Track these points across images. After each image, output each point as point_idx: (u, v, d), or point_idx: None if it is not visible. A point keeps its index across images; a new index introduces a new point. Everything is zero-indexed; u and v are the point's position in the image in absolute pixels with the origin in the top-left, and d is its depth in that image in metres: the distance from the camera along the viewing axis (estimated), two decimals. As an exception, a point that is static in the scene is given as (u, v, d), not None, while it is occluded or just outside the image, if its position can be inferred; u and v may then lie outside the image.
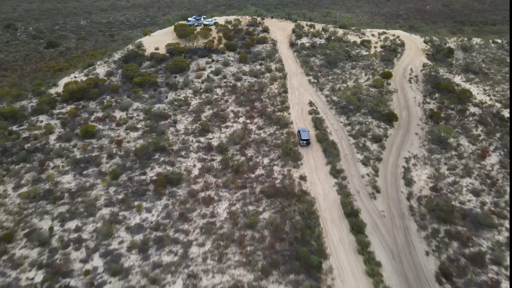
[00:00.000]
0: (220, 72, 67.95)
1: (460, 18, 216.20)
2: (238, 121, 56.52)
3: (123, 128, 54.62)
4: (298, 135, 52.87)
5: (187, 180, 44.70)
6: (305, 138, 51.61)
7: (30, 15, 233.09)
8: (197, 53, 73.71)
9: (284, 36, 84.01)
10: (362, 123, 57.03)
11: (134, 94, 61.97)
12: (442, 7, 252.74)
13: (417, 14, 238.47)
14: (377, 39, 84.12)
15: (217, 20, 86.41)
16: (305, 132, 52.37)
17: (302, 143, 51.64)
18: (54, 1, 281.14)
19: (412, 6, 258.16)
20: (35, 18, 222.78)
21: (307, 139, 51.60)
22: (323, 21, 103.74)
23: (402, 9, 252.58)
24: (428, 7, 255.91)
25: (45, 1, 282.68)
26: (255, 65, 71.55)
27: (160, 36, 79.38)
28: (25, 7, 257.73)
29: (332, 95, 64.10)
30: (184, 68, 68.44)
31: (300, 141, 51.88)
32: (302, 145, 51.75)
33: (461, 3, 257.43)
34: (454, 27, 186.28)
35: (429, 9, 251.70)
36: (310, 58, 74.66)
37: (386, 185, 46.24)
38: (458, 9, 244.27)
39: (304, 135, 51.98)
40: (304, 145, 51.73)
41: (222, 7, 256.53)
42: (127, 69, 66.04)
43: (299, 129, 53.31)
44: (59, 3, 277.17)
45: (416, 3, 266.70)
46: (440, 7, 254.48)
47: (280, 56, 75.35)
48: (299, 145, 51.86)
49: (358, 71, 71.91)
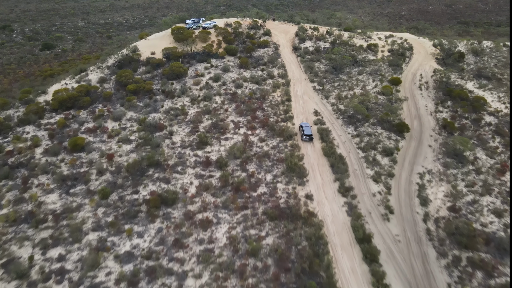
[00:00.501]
0: (219, 79, 64.22)
1: (464, 19, 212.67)
2: (239, 133, 52.77)
3: (115, 140, 50.87)
4: (300, 130, 52.26)
5: (183, 201, 40.93)
6: (308, 133, 50.96)
7: (27, 15, 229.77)
8: (195, 58, 69.99)
9: (286, 39, 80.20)
10: (371, 135, 53.26)
11: (128, 102, 58.19)
12: (445, 8, 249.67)
13: (420, 15, 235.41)
14: (384, 43, 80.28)
15: (217, 23, 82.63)
16: (308, 127, 51.64)
17: (304, 138, 51.03)
18: (52, 2, 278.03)
19: (414, 7, 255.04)
20: (32, 19, 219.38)
21: (310, 134, 50.96)
22: (326, 23, 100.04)
23: (404, 9, 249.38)
24: (431, 7, 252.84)
25: (43, 1, 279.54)
26: (257, 71, 67.79)
27: (157, 40, 75.60)
28: (23, 8, 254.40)
29: (338, 103, 60.32)
30: (181, 74, 64.70)
31: (302, 136, 51.27)
32: (304, 140, 51.15)
33: (464, 3, 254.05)
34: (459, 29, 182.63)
35: (432, 9, 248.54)
36: (315, 63, 70.86)
37: (399, 204, 42.47)
38: (461, 10, 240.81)
39: (307, 130, 51.27)
40: (307, 140, 51.03)
41: (222, 8, 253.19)
42: (121, 75, 62.30)
43: (301, 124, 52.59)
44: (57, 3, 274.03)
45: (419, 3, 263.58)
46: (443, 7, 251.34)
47: (282, 61, 71.57)
48: (301, 140, 51.34)
49: (365, 77, 68.12)
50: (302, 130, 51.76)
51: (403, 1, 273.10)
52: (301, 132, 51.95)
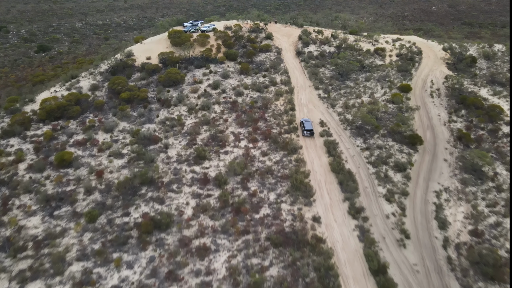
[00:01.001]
0: (218, 86, 60.45)
1: (468, 19, 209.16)
2: (239, 146, 49.01)
3: (106, 154, 47.10)
4: (301, 126, 52.13)
5: (178, 226, 37.14)
6: (309, 128, 50.82)
7: (24, 16, 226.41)
8: (193, 63, 66.22)
9: (289, 43, 76.41)
10: (381, 147, 49.50)
11: (121, 112, 54.44)
12: (448, 8, 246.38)
13: (423, 16, 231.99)
14: (391, 47, 76.47)
15: (216, 26, 78.81)
16: (308, 123, 51.69)
17: (305, 134, 50.93)
18: (50, 2, 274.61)
19: (417, 7, 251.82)
20: (29, 20, 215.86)
21: (311, 129, 50.79)
22: (330, 25, 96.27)
23: (407, 10, 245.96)
24: (433, 8, 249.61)
25: (41, 2, 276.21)
26: (258, 77, 63.98)
27: (153, 44, 71.78)
28: (20, 8, 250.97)
29: (345, 112, 56.52)
30: (178, 81, 60.94)
31: (303, 132, 51.10)
32: (305, 135, 51.11)
33: (467, 3, 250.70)
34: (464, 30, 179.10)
35: (434, 10, 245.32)
36: (319, 69, 67.07)
37: (416, 228, 38.70)
38: (465, 10, 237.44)
39: (308, 125, 51.28)
40: (308, 135, 50.96)
41: (222, 8, 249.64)
42: (113, 82, 58.54)
43: (302, 120, 52.60)
44: (55, 4, 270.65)
45: (421, 4, 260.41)
46: (446, 8, 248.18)
47: (285, 67, 67.77)
48: (302, 135, 51.36)
49: (373, 84, 64.31)
50: (303, 125, 51.38)
51: (405, 1, 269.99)
52: (302, 128, 51.64)
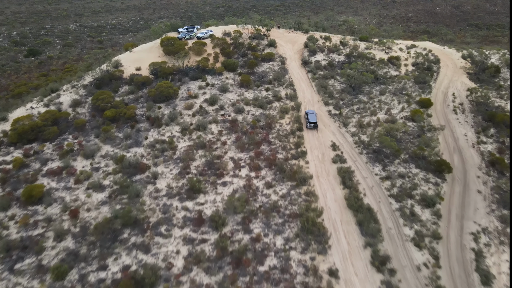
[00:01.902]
0: (216, 101, 53.68)
1: (474, 21, 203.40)
2: (240, 175, 42.24)
3: (83, 186, 40.33)
4: (305, 118, 51.43)
5: (165, 287, 30.39)
6: (313, 120, 50.17)
7: (17, 18, 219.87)
8: (188, 75, 59.41)
9: (294, 51, 69.64)
10: (404, 176, 42.79)
11: (104, 133, 47.67)
12: (453, 9, 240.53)
13: (428, 17, 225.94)
14: (406, 55, 69.72)
15: (213, 32, 71.95)
16: (312, 115, 50.94)
17: (309, 126, 50.19)
18: (45, 3, 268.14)
19: (421, 8, 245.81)
20: (21, 22, 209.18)
21: (315, 121, 50.12)
22: (336, 29, 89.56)
23: (411, 11, 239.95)
24: (437, 8, 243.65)
25: (36, 2, 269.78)
26: (260, 91, 57.16)
27: (143, 53, 64.91)
28: (14, 9, 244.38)
29: (360, 132, 49.80)
30: (170, 96, 54.18)
31: (307, 124, 50.32)
32: (309, 127, 50.32)
33: (471, 4, 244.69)
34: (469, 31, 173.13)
35: (439, 11, 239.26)
36: (328, 81, 60.30)
37: (454, 283, 32.01)
38: (469, 11, 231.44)
39: (312, 117, 50.58)
40: (311, 127, 50.25)
41: (220, 9, 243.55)
42: (97, 98, 51.71)
43: (307, 111, 51.80)
44: (49, 5, 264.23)
45: (425, 4, 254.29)
46: (450, 8, 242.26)
47: (291, 78, 60.96)
48: (306, 127, 50.51)
49: (389, 98, 57.56)
50: (307, 117, 50.74)
51: (408, 2, 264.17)
52: (306, 120, 50.92)
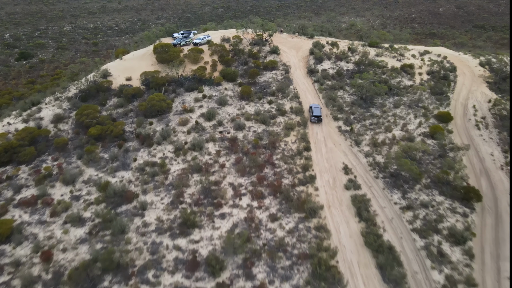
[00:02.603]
0: (214, 116, 48.43)
1: (479, 22, 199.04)
2: (240, 205, 36.99)
3: (61, 219, 35.11)
4: (310, 111, 50.69)
5: None
6: (317, 114, 49.42)
7: (12, 19, 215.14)
8: (183, 85, 54.14)
9: (298, 58, 64.32)
10: (427, 205, 37.58)
11: (88, 154, 42.40)
12: (456, 9, 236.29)
13: (432, 18, 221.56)
14: (420, 62, 64.45)
15: (211, 37, 66.59)
16: (317, 109, 50.21)
17: (313, 119, 49.44)
18: (41, 3, 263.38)
19: (424, 9, 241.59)
20: (16, 23, 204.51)
21: (319, 115, 49.34)
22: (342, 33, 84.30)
23: (414, 11, 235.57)
24: (441, 9, 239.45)
25: (32, 3, 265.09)
26: (263, 104, 51.87)
27: (135, 61, 59.54)
28: (9, 10, 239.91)
29: (374, 152, 44.55)
30: (163, 110, 48.93)
31: (311, 117, 49.63)
32: (313, 121, 49.57)
33: (475, 5, 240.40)
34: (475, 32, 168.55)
35: (442, 11, 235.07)
36: (337, 92, 54.99)
37: None
38: (474, 12, 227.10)
39: (317, 111, 49.88)
40: (315, 121, 49.47)
41: (220, 10, 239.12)
42: (82, 113, 46.42)
43: (311, 105, 51.11)
44: (45, 5, 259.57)
45: (428, 5, 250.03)
46: (454, 9, 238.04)
47: (296, 89, 55.65)
48: (310, 121, 49.77)
49: (404, 111, 52.29)
50: (311, 111, 50.01)
51: (410, 2, 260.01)
52: (310, 113, 50.22)
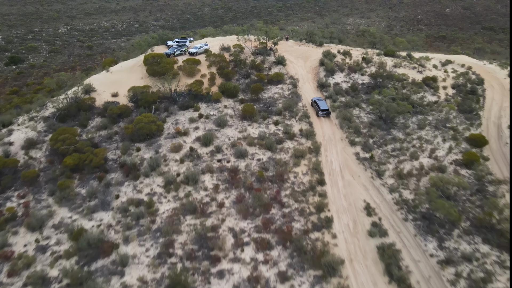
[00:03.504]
0: (211, 140, 41.64)
1: (488, 23, 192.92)
2: (242, 259, 30.22)
3: (21, 280, 28.40)
4: (315, 106, 47.14)
5: None
6: (325, 108, 45.97)
7: (6, 20, 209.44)
8: (177, 102, 47.38)
9: (307, 69, 57.46)
10: (470, 258, 30.79)
11: (61, 190, 35.67)
12: (463, 10, 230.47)
13: (439, 19, 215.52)
14: (443, 74, 57.56)
15: (209, 46, 59.65)
16: (322, 102, 47.10)
17: (321, 114, 46.40)
18: (37, 4, 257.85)
19: (430, 10, 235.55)
20: (10, 25, 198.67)
21: (327, 108, 45.87)
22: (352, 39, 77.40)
23: (420, 12, 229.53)
24: (447, 10, 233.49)
25: (28, 3, 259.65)
26: (268, 125, 45.03)
27: (123, 73, 52.66)
28: (4, 11, 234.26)
29: (400, 186, 37.72)
30: (153, 133, 42.18)
31: (318, 112, 46.49)
32: (321, 115, 46.53)
33: (482, 5, 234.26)
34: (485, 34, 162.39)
35: (449, 12, 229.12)
36: (352, 110, 48.11)
37: None
38: (481, 13, 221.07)
39: (323, 104, 46.55)
40: (323, 115, 46.28)
41: (220, 11, 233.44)
42: (57, 138, 39.60)
43: (314, 98, 47.95)
44: (42, 6, 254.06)
45: (433, 6, 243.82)
46: (460, 10, 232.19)
47: (305, 107, 48.74)
48: (317, 116, 46.79)
49: (431, 134, 45.45)
50: (317, 105, 46.72)
51: (415, 3, 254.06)
52: (316, 108, 46.90)
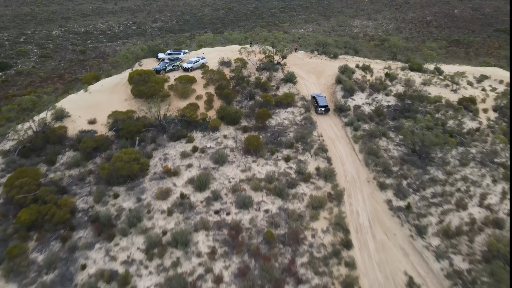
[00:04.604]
0: (207, 184, 33.32)
1: (499, 25, 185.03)
2: None
3: None
4: (313, 102, 45.37)
5: None
6: (324, 104, 44.19)
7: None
8: (167, 131, 39.07)
9: (321, 87, 48.94)
10: None
11: (10, 260, 27.42)
12: (473, 11, 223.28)
13: (448, 21, 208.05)
14: (482, 93, 48.97)
15: (206, 59, 51.06)
16: (322, 98, 45.12)
17: (319, 111, 44.09)
18: (33, 5, 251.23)
19: (438, 11, 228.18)
20: (2, 26, 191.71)
21: (326, 105, 44.06)
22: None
23: (428, 14, 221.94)
24: (456, 11, 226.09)
25: (23, 4, 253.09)
26: (277, 162, 36.54)
27: (104, 94, 44.11)
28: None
29: (449, 250, 29.38)
30: (135, 175, 33.93)
31: (317, 109, 44.32)
32: (319, 112, 44.27)
33: (491, 6, 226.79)
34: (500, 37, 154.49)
35: (458, 14, 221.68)
36: (378, 141, 39.70)
37: None
38: (491, 14, 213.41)
39: (322, 100, 44.60)
40: (322, 112, 44.21)
41: (221, 12, 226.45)
42: (12, 183, 31.31)
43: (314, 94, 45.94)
44: (38, 7, 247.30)
45: (441, 6, 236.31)
46: (469, 11, 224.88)
47: (321, 137, 40.26)
48: (316, 113, 44.56)
49: (476, 172, 36.94)
50: (316, 101, 45.15)
51: (422, 4, 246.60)
52: (315, 104, 45.29)
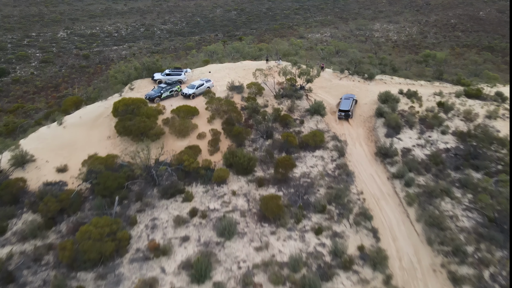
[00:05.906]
0: (207, 272, 23.66)
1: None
2: None
3: None
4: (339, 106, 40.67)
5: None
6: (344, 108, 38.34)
7: (5, 23, 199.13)
8: (158, 184, 29.60)
9: (356, 121, 38.91)
10: None
11: None
12: (499, 14, 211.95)
13: (474, 24, 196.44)
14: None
15: (212, 82, 40.71)
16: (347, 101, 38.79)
17: (340, 115, 39.04)
18: (41, 5, 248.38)
19: (462, 13, 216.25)
20: (7, 28, 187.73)
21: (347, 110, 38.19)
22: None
23: (452, 16, 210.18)
24: (481, 13, 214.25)
25: (32, 4, 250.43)
26: (303, 235, 26.30)
27: (82, 128, 34.21)
28: (6, 12, 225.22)
29: None
30: (111, 254, 24.57)
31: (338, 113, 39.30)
32: (340, 117, 39.25)
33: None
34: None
35: (484, 16, 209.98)
36: (440, 202, 29.36)
37: None
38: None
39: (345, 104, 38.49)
40: (342, 117, 38.99)
41: (232, 13, 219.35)
42: None
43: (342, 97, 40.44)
44: (46, 7, 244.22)
45: (465, 8, 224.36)
46: (495, 13, 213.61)
47: (361, 195, 30.07)
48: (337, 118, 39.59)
49: None
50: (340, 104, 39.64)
51: (445, 5, 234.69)
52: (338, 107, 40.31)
